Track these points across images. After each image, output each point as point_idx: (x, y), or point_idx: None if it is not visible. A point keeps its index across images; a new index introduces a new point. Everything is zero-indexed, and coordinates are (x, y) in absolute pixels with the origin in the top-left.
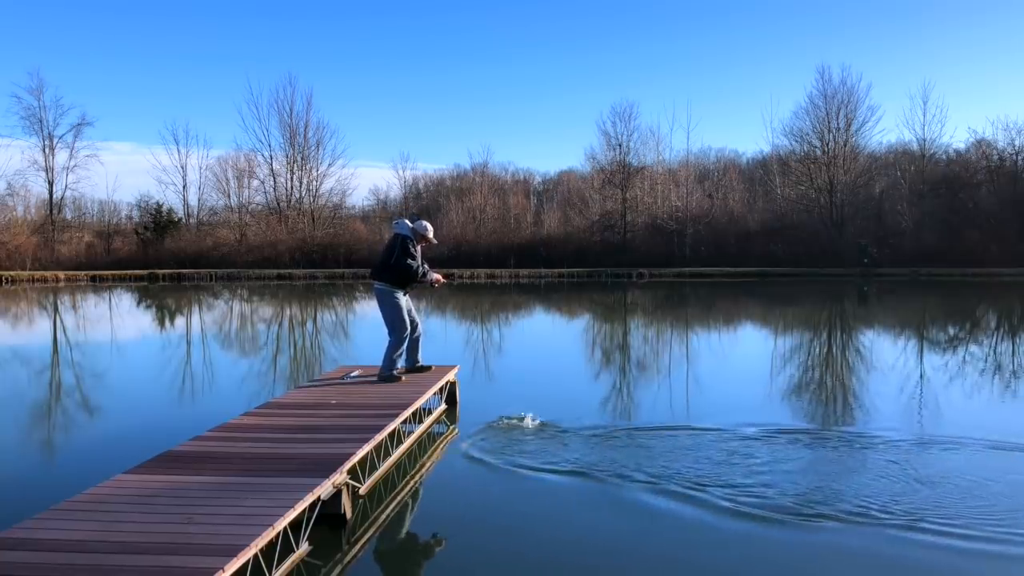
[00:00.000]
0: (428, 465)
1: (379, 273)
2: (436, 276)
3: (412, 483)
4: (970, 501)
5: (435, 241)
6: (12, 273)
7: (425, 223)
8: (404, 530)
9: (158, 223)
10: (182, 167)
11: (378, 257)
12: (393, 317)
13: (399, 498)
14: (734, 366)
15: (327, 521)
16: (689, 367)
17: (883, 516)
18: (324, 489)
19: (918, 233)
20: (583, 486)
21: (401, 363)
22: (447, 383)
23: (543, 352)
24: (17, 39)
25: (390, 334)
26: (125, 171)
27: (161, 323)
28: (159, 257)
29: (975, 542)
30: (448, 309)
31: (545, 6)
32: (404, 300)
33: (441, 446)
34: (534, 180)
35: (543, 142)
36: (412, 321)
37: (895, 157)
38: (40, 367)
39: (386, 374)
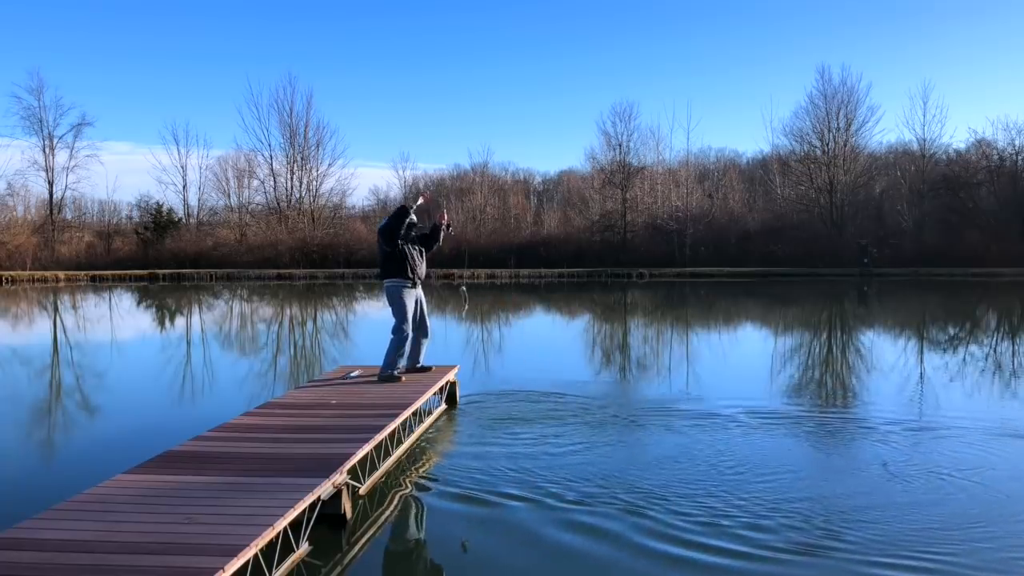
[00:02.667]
0: (428, 465)
1: (381, 270)
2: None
3: (412, 483)
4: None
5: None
6: (12, 273)
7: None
8: (404, 530)
9: (158, 223)
10: (182, 167)
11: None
12: (396, 313)
13: (399, 498)
14: (732, 364)
15: (327, 521)
16: (689, 366)
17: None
18: (324, 489)
19: (918, 233)
20: (582, 486)
21: (402, 363)
22: (447, 383)
23: (543, 351)
24: (17, 39)
25: (392, 332)
26: (125, 171)
27: (161, 323)
28: (159, 257)
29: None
30: (448, 309)
31: (545, 6)
32: (411, 298)
33: (441, 446)
34: (534, 180)
35: (543, 142)
36: (419, 323)
37: (895, 157)
38: (40, 367)
39: (386, 374)
